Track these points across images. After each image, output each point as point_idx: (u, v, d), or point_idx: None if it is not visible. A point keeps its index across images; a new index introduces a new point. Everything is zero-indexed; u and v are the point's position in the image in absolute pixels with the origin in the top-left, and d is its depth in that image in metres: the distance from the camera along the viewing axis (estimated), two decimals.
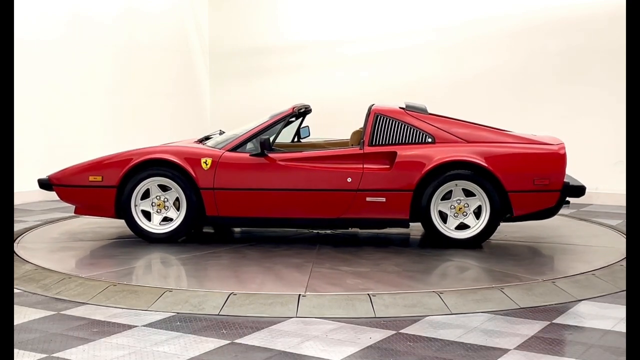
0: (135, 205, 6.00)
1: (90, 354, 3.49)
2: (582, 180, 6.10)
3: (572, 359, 3.43)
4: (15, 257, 5.38)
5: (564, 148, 5.69)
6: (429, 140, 5.77)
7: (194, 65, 11.50)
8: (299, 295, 4.33)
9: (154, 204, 6.01)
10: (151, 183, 5.97)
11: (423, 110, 5.98)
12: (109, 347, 3.59)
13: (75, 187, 6.10)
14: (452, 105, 8.24)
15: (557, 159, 5.64)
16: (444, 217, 5.73)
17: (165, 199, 6.00)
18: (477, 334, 3.78)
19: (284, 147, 6.43)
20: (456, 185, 5.65)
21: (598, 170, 8.57)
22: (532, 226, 6.59)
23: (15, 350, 3.51)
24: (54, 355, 3.48)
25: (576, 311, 4.22)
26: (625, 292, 4.56)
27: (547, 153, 5.69)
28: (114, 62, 10.11)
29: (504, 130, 6.29)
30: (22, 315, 4.11)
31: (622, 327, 3.90)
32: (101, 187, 6.00)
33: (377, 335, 3.77)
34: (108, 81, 10.04)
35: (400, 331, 3.84)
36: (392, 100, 6.40)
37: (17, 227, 6.80)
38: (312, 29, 10.72)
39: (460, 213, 5.69)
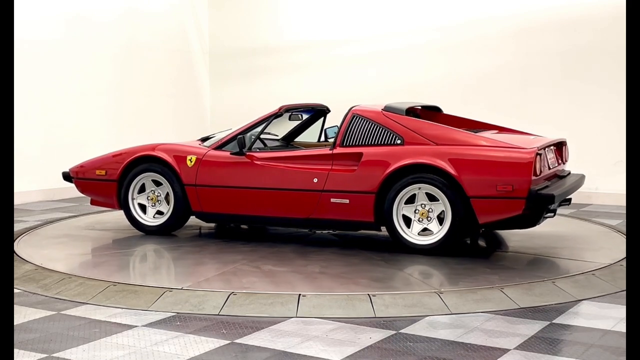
0: (133, 199, 6.37)
1: (90, 354, 3.49)
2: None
3: (572, 359, 3.43)
4: (15, 257, 5.38)
5: (533, 153, 5.19)
6: (398, 141, 5.55)
7: (194, 65, 11.50)
8: (299, 295, 4.33)
9: (149, 198, 6.36)
10: (146, 178, 6.32)
11: (400, 111, 5.74)
12: (109, 347, 3.60)
13: (87, 180, 6.59)
14: (454, 105, 8.23)
15: (522, 165, 5.16)
16: (410, 222, 5.48)
17: (159, 194, 6.32)
18: (477, 334, 3.78)
19: (277, 147, 6.47)
20: (419, 188, 5.39)
21: (598, 170, 8.57)
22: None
23: (15, 350, 3.51)
24: (54, 355, 3.48)
25: (576, 311, 4.23)
26: (625, 292, 4.56)
27: (512, 158, 5.22)
28: (114, 62, 10.12)
29: (502, 128, 6.24)
30: (22, 315, 4.11)
31: (622, 327, 3.90)
32: (105, 181, 6.44)
33: (377, 335, 3.77)
34: (108, 81, 10.04)
35: (400, 331, 3.84)
36: (392, 100, 6.38)
37: (17, 227, 6.81)
38: (312, 29, 10.71)
39: (425, 218, 5.43)
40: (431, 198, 5.40)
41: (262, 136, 6.56)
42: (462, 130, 5.72)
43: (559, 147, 5.99)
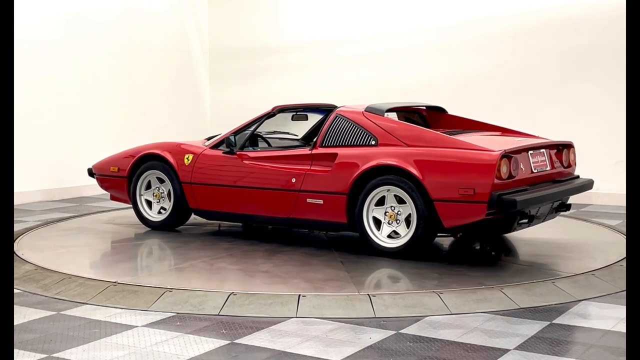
0: (140, 195, 6.63)
1: (90, 354, 3.49)
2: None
3: (572, 359, 3.43)
4: (15, 257, 5.38)
5: (497, 156, 4.93)
6: (373, 142, 5.47)
7: (194, 65, 11.50)
8: (299, 295, 4.33)
9: (154, 194, 6.61)
10: (151, 175, 6.56)
11: (380, 112, 5.66)
12: (109, 347, 3.60)
13: (104, 177, 6.92)
14: (454, 105, 8.22)
15: (484, 167, 4.94)
16: (381, 224, 5.39)
17: (162, 191, 6.56)
18: (477, 334, 3.78)
19: (269, 147, 6.50)
20: (388, 190, 5.29)
21: (598, 170, 8.56)
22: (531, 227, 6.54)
23: (15, 350, 3.51)
24: (54, 355, 3.48)
25: (576, 311, 4.22)
26: (625, 292, 4.56)
27: (474, 160, 5.01)
28: (114, 62, 10.12)
29: (504, 129, 6.15)
30: (22, 315, 4.11)
31: (622, 327, 3.89)
32: (118, 177, 6.75)
33: (377, 335, 3.77)
34: (108, 81, 10.04)
35: (400, 331, 3.84)
36: (393, 100, 6.38)
37: (17, 227, 6.81)
38: (312, 29, 10.71)
39: (394, 220, 5.31)
40: (400, 200, 5.29)
41: (280, 136, 6.58)
42: (436, 131, 5.58)
43: (559, 150, 5.76)
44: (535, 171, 5.38)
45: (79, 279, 4.74)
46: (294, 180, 5.72)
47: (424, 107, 6.45)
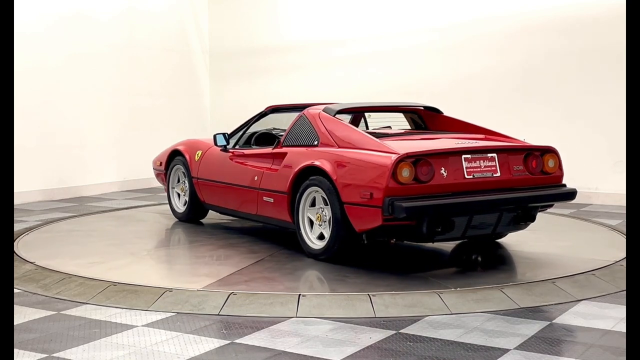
0: (172, 188, 7.16)
1: (90, 354, 3.49)
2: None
3: (572, 359, 3.44)
4: (15, 257, 5.38)
5: (394, 159, 4.70)
6: (315, 142, 5.46)
7: (194, 65, 11.50)
8: (299, 295, 4.33)
9: (181, 188, 7.07)
10: (178, 170, 7.08)
11: (331, 112, 5.61)
12: (109, 347, 3.60)
13: (155, 170, 7.52)
14: (453, 105, 8.25)
15: (379, 171, 4.73)
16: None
17: (186, 184, 6.97)
18: (477, 334, 3.78)
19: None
20: (317, 191, 5.23)
21: (598, 170, 8.57)
22: (531, 226, 6.51)
23: (15, 350, 3.51)
24: (54, 355, 3.48)
25: (576, 311, 4.23)
26: (625, 292, 4.56)
27: (373, 163, 4.84)
28: (114, 61, 10.12)
29: (491, 132, 5.81)
30: (22, 315, 4.11)
31: (622, 327, 3.90)
32: (161, 171, 7.36)
33: (377, 335, 3.78)
34: (108, 81, 10.04)
35: (400, 331, 3.84)
36: (390, 100, 6.37)
37: (17, 227, 6.81)
38: (312, 29, 10.71)
39: (322, 222, 5.24)
40: (326, 202, 5.19)
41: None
42: (365, 132, 5.49)
43: (530, 155, 5.25)
44: (470, 177, 4.97)
45: (79, 279, 4.74)
46: (256, 178, 5.88)
47: (422, 107, 6.41)
